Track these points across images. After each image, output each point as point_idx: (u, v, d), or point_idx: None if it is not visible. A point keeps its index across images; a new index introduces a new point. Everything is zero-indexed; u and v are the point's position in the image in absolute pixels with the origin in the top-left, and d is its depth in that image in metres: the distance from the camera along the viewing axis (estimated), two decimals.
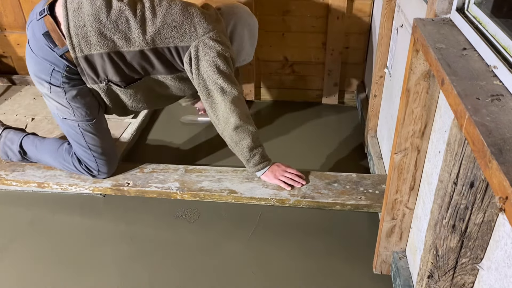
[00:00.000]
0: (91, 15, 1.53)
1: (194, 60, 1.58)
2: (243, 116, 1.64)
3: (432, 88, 1.13)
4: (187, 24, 1.57)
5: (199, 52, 1.57)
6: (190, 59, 1.59)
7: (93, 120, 1.70)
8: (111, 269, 1.57)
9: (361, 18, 2.32)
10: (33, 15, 1.61)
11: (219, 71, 1.59)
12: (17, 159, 1.87)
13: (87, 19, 1.53)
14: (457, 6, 1.03)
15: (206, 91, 1.62)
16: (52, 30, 1.55)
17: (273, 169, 1.72)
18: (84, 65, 1.57)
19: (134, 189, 1.74)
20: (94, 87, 1.63)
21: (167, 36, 1.56)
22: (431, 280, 1.01)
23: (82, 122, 1.69)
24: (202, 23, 1.59)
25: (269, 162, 1.72)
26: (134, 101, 1.72)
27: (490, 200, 0.85)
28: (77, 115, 1.67)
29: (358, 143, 2.22)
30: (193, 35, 1.58)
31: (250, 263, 1.58)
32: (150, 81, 1.67)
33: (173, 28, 1.56)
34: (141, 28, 1.55)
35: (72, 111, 1.66)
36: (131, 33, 1.55)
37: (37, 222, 1.77)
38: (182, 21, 1.57)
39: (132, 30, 1.54)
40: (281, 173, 1.71)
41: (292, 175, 1.71)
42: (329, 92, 2.54)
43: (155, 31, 1.55)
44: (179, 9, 1.59)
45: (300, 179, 1.71)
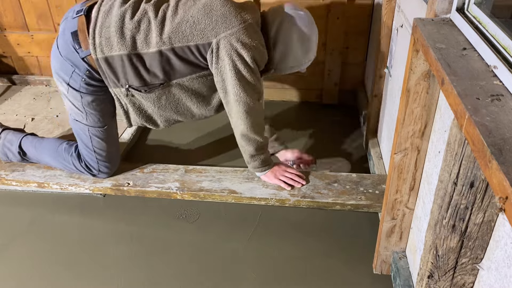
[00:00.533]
0: (117, 16, 1.51)
1: (214, 58, 1.49)
2: (254, 126, 1.59)
3: (432, 88, 1.13)
4: (207, 19, 1.47)
5: (220, 51, 1.47)
6: (212, 57, 1.50)
7: (104, 127, 1.69)
8: (111, 269, 1.57)
9: (361, 18, 2.32)
10: (70, 12, 1.60)
11: (238, 76, 1.49)
12: (17, 160, 1.87)
13: (113, 20, 1.51)
14: (457, 6, 1.03)
15: (224, 91, 1.55)
16: (81, 30, 1.54)
17: (274, 169, 1.72)
18: (105, 68, 1.53)
19: (134, 189, 1.74)
20: (116, 91, 1.60)
21: (186, 34, 1.47)
22: (431, 280, 1.01)
23: (93, 127, 1.68)
24: (226, 18, 1.47)
25: (270, 166, 1.72)
26: (160, 108, 1.63)
27: (490, 200, 0.85)
28: (89, 120, 1.66)
29: (358, 143, 2.22)
30: (214, 30, 1.47)
31: (250, 263, 1.58)
32: (174, 86, 1.58)
33: (191, 24, 1.47)
34: (159, 27, 1.49)
35: (85, 115, 1.65)
36: (151, 33, 1.49)
37: (37, 222, 1.77)
38: (203, 16, 1.47)
39: (152, 30, 1.49)
40: (281, 173, 1.71)
41: (292, 175, 1.71)
42: (329, 92, 2.54)
43: (173, 28, 1.48)
44: (202, 4, 1.50)
45: (300, 179, 1.71)
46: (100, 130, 1.69)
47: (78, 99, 1.62)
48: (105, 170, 1.77)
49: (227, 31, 1.46)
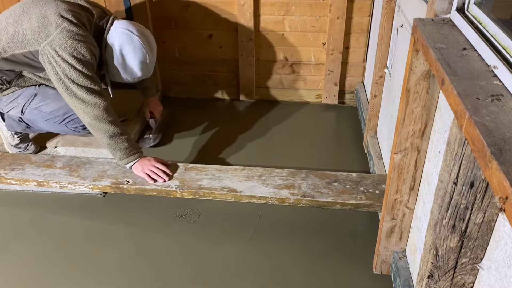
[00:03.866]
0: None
1: (44, 62, 1.66)
2: (96, 117, 1.68)
3: (432, 88, 1.13)
4: (32, 30, 1.64)
5: (43, 56, 1.64)
6: (42, 61, 1.66)
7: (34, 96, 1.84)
8: (111, 269, 1.57)
9: (361, 18, 2.32)
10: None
11: (65, 75, 1.63)
12: (21, 128, 1.94)
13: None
14: (457, 6, 1.03)
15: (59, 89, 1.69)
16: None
17: (142, 162, 1.76)
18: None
19: (134, 187, 1.74)
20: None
21: (19, 44, 1.66)
22: (431, 280, 1.01)
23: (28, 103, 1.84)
24: (45, 27, 1.63)
25: (136, 156, 1.76)
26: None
27: (490, 200, 0.85)
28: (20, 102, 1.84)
29: (358, 143, 2.22)
30: (39, 40, 1.63)
31: (250, 263, 1.58)
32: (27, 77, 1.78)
33: (22, 35, 1.65)
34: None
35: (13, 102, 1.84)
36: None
37: (37, 222, 1.77)
38: (28, 28, 1.64)
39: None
40: (148, 167, 1.75)
41: (158, 170, 1.74)
42: (329, 92, 2.54)
43: (7, 41, 1.67)
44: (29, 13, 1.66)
45: (164, 175, 1.74)
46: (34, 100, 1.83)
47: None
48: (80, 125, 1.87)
49: (47, 39, 1.63)
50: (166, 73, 2.63)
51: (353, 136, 2.28)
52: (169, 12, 2.42)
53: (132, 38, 1.76)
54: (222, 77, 2.60)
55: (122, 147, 1.73)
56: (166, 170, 1.76)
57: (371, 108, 2.02)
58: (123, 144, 1.73)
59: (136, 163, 1.76)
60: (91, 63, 1.69)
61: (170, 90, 2.68)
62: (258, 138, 2.26)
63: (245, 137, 2.27)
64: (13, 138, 1.95)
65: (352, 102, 2.59)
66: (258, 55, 2.48)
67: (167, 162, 1.82)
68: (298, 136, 2.29)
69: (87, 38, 1.67)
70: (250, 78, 2.54)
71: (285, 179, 1.73)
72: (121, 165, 1.78)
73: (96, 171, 1.81)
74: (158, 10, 2.42)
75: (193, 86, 2.65)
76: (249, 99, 2.62)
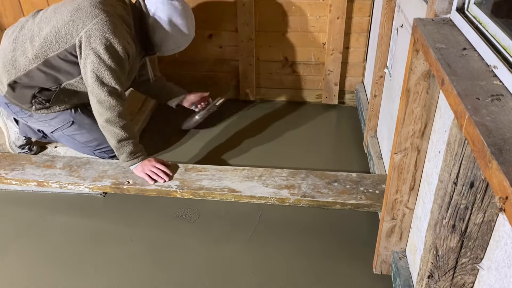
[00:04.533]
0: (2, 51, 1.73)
1: (79, 55, 1.65)
2: (110, 119, 1.69)
3: (432, 88, 1.13)
4: (66, 25, 1.64)
5: (82, 48, 1.63)
6: (78, 55, 1.65)
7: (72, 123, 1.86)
8: (111, 269, 1.57)
9: (361, 18, 2.32)
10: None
11: (94, 69, 1.62)
12: (37, 137, 1.98)
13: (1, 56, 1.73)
14: (457, 6, 1.03)
15: (86, 84, 1.69)
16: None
17: (144, 163, 1.77)
18: (10, 98, 1.75)
19: (134, 188, 1.74)
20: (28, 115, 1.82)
21: (53, 44, 1.65)
22: (431, 280, 1.01)
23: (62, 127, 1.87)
24: (80, 19, 1.62)
25: (139, 159, 1.77)
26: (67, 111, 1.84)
27: (490, 200, 0.85)
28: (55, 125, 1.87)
29: (358, 143, 2.22)
30: (74, 33, 1.63)
31: (250, 263, 1.58)
32: (67, 89, 1.75)
33: (54, 34, 1.64)
34: (30, 47, 1.67)
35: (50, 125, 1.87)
36: (20, 58, 1.69)
37: (37, 222, 1.77)
38: (62, 24, 1.64)
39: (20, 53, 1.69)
40: (149, 168, 1.75)
41: (158, 170, 1.75)
42: (329, 92, 2.54)
43: (40, 45, 1.65)
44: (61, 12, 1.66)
45: (164, 175, 1.74)
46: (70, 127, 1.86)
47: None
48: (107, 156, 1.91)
49: (83, 30, 1.62)
50: (166, 73, 2.62)
51: (353, 136, 2.28)
52: None
53: (174, 5, 1.79)
54: (222, 77, 2.60)
55: (128, 150, 1.74)
56: (166, 171, 1.76)
57: (371, 108, 2.02)
58: (128, 148, 1.74)
59: (138, 165, 1.77)
60: (123, 60, 1.68)
61: None
62: (258, 138, 2.26)
63: (245, 137, 2.27)
64: (18, 139, 1.96)
65: (352, 102, 2.59)
66: (258, 55, 2.48)
67: (167, 163, 1.82)
68: (298, 136, 2.29)
69: (123, 33, 1.67)
70: (250, 78, 2.54)
71: (285, 179, 1.73)
72: (124, 165, 1.79)
73: (96, 171, 1.81)
74: None
75: (193, 86, 2.65)
76: (249, 99, 2.62)
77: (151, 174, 1.74)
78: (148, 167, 1.75)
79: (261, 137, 2.27)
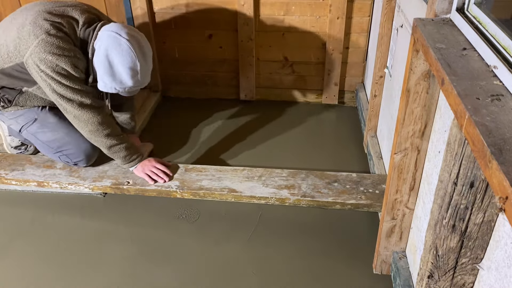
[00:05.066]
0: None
1: (31, 73, 1.61)
2: (91, 130, 1.68)
3: (432, 88, 1.13)
4: (13, 41, 1.59)
5: (30, 69, 1.60)
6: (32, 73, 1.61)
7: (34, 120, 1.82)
8: (111, 269, 1.56)
9: (361, 18, 2.32)
10: None
11: (52, 89, 1.60)
12: (21, 139, 1.95)
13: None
14: (457, 6, 1.03)
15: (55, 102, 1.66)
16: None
17: (144, 163, 1.77)
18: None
19: (134, 188, 1.74)
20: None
21: (5, 58, 1.62)
22: (431, 280, 1.01)
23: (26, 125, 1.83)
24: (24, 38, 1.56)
25: (136, 161, 1.77)
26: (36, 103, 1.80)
27: (490, 200, 0.85)
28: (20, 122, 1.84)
29: (358, 143, 2.22)
30: (21, 51, 1.58)
31: (250, 263, 1.58)
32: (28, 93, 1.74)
33: (6, 48, 1.61)
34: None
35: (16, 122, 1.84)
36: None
37: (37, 222, 1.77)
38: (10, 40, 1.60)
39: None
40: (149, 168, 1.76)
41: (158, 171, 1.75)
42: (329, 92, 2.54)
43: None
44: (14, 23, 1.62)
45: (164, 175, 1.74)
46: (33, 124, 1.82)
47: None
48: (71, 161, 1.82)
49: (27, 51, 1.57)
50: (166, 73, 2.63)
51: (353, 136, 2.28)
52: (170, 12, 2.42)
53: (119, 41, 1.56)
54: (222, 77, 2.60)
55: (121, 155, 1.75)
56: (166, 171, 1.76)
57: (371, 108, 2.02)
58: (121, 153, 1.74)
59: (138, 165, 1.77)
60: (77, 77, 1.60)
61: (170, 90, 2.68)
62: (258, 138, 2.26)
63: (245, 137, 2.27)
64: (13, 140, 1.96)
65: (352, 102, 2.59)
66: (258, 55, 2.48)
67: (167, 163, 1.82)
68: (298, 136, 2.29)
69: (68, 51, 1.56)
70: (250, 78, 2.54)
71: (285, 180, 1.73)
72: (124, 168, 1.80)
73: (96, 171, 1.81)
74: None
75: (193, 86, 2.65)
76: (249, 99, 2.62)
77: (151, 174, 1.74)
78: (148, 168, 1.75)
79: (261, 137, 2.27)
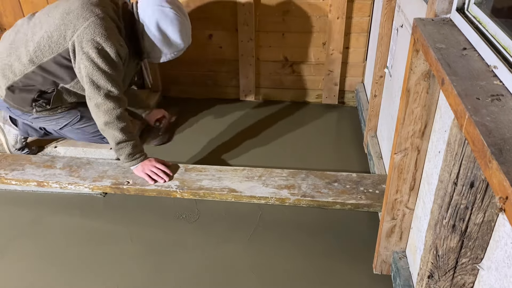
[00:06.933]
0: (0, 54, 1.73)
1: (73, 59, 1.65)
2: (108, 122, 1.69)
3: (432, 88, 1.13)
4: (58, 29, 1.63)
5: (76, 52, 1.62)
6: (72, 59, 1.65)
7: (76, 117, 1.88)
8: (111, 269, 1.56)
9: (361, 18, 2.32)
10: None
11: (89, 74, 1.62)
12: (38, 135, 1.98)
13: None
14: (457, 6, 1.03)
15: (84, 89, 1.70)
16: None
17: (144, 163, 1.77)
18: (10, 102, 1.76)
19: (134, 188, 1.74)
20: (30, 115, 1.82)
21: (46, 49, 1.64)
22: (431, 280, 1.01)
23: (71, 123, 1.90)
24: (71, 22, 1.61)
25: (138, 160, 1.77)
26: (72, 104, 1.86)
27: (490, 200, 0.85)
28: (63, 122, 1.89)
29: (358, 143, 2.22)
30: (66, 37, 1.61)
31: (250, 263, 1.58)
32: (65, 90, 1.76)
33: (47, 39, 1.63)
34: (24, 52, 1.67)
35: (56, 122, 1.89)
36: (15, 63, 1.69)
37: (37, 222, 1.77)
38: (54, 28, 1.63)
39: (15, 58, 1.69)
40: (149, 168, 1.76)
41: (158, 170, 1.75)
42: (329, 92, 2.54)
43: (34, 50, 1.65)
44: (53, 15, 1.65)
45: (164, 175, 1.74)
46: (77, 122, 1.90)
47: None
48: None
49: (74, 34, 1.61)
50: (166, 73, 2.63)
51: (353, 136, 2.28)
52: None
53: (164, 11, 1.71)
54: (222, 77, 2.60)
55: (126, 152, 1.74)
56: (167, 171, 1.76)
57: (371, 108, 2.02)
58: (127, 150, 1.74)
59: (138, 165, 1.77)
60: (115, 63, 1.66)
61: (170, 90, 2.68)
62: (258, 138, 2.26)
63: (245, 137, 2.27)
64: (17, 142, 1.95)
65: (352, 102, 2.59)
66: (258, 55, 2.48)
67: (167, 163, 1.82)
68: (298, 136, 2.29)
69: (114, 36, 1.64)
70: (250, 78, 2.54)
71: (285, 179, 1.73)
72: (125, 166, 1.80)
73: (96, 171, 1.81)
74: None
75: (193, 86, 2.65)
76: (249, 99, 2.62)
77: (151, 174, 1.74)
78: (149, 167, 1.75)
79: (261, 137, 2.27)
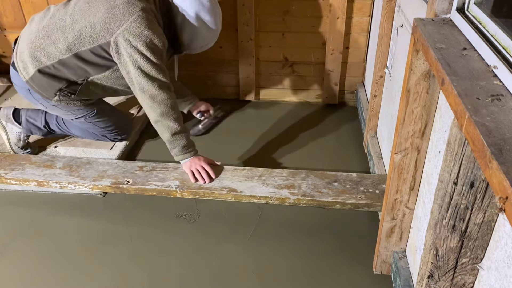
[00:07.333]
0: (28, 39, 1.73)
1: (116, 54, 1.65)
2: (163, 113, 1.68)
3: (432, 88, 1.13)
4: (102, 22, 1.63)
5: (118, 47, 1.63)
6: (114, 54, 1.65)
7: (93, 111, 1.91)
8: (111, 268, 1.57)
9: (361, 18, 2.32)
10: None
11: (138, 68, 1.63)
12: (42, 133, 1.99)
13: (25, 44, 1.73)
14: (457, 6, 1.03)
15: (130, 83, 1.69)
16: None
17: (193, 160, 1.76)
18: (34, 85, 1.76)
19: (134, 187, 1.74)
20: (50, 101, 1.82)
21: (87, 39, 1.65)
22: (431, 280, 1.01)
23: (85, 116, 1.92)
24: (116, 16, 1.62)
25: (191, 154, 1.76)
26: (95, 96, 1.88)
27: (490, 200, 0.85)
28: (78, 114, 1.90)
29: (358, 143, 2.22)
30: (110, 30, 1.62)
31: (250, 263, 1.58)
32: (93, 83, 1.77)
33: (89, 30, 1.64)
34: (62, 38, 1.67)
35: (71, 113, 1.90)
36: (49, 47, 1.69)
37: (37, 222, 1.77)
38: (98, 20, 1.64)
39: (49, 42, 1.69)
40: (195, 166, 1.75)
41: (203, 171, 1.74)
42: (329, 92, 2.54)
43: (73, 37, 1.66)
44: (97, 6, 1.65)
45: (207, 177, 1.73)
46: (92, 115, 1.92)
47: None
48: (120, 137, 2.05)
49: (120, 28, 1.61)
50: None
51: (353, 136, 2.28)
52: None
53: (201, 1, 1.75)
54: (222, 77, 2.60)
55: (181, 144, 1.73)
56: (211, 173, 1.74)
57: (371, 108, 2.02)
58: (182, 142, 1.73)
59: (188, 161, 1.76)
60: (162, 52, 1.67)
61: None
62: (258, 138, 2.26)
63: (245, 137, 2.27)
64: (20, 141, 1.96)
65: (352, 102, 2.59)
66: (258, 55, 2.48)
67: (215, 163, 1.81)
68: (298, 136, 2.29)
69: (158, 27, 1.67)
70: (250, 78, 2.54)
71: (285, 179, 1.73)
72: (175, 159, 1.78)
73: (96, 171, 1.81)
74: None
75: (193, 86, 2.65)
76: (249, 99, 2.62)
77: (196, 172, 1.73)
78: (196, 165, 1.74)
79: (261, 137, 2.27)
